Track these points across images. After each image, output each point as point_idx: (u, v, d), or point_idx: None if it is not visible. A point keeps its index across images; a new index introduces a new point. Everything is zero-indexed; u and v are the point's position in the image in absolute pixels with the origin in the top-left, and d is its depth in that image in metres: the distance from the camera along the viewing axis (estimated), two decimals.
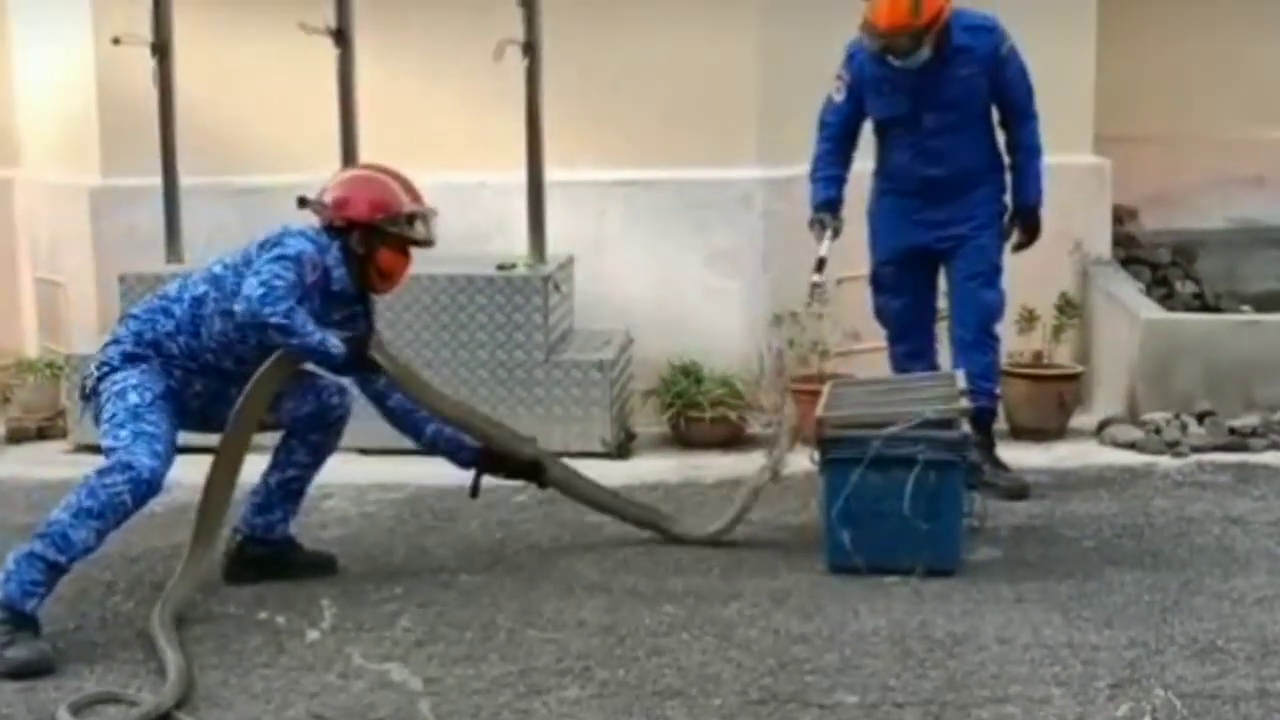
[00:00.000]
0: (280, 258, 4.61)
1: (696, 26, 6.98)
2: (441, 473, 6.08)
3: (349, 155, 6.64)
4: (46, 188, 7.70)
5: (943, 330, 6.02)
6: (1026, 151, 5.81)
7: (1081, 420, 6.78)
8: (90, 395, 4.70)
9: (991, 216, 5.80)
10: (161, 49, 6.55)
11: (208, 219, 6.92)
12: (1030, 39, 7.07)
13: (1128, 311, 6.70)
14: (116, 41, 6.61)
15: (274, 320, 4.54)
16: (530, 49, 6.47)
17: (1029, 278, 6.87)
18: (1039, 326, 6.68)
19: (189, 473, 5.82)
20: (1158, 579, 4.81)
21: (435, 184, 7.02)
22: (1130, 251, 8.27)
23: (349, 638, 4.44)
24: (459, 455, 5.14)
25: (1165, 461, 6.14)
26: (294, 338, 4.59)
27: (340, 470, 6.01)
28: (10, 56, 7.89)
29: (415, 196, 4.90)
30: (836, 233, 5.75)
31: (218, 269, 4.76)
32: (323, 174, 6.66)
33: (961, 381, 5.17)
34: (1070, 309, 6.75)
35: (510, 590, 4.82)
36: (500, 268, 6.49)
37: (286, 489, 4.95)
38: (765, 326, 6.90)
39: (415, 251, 4.99)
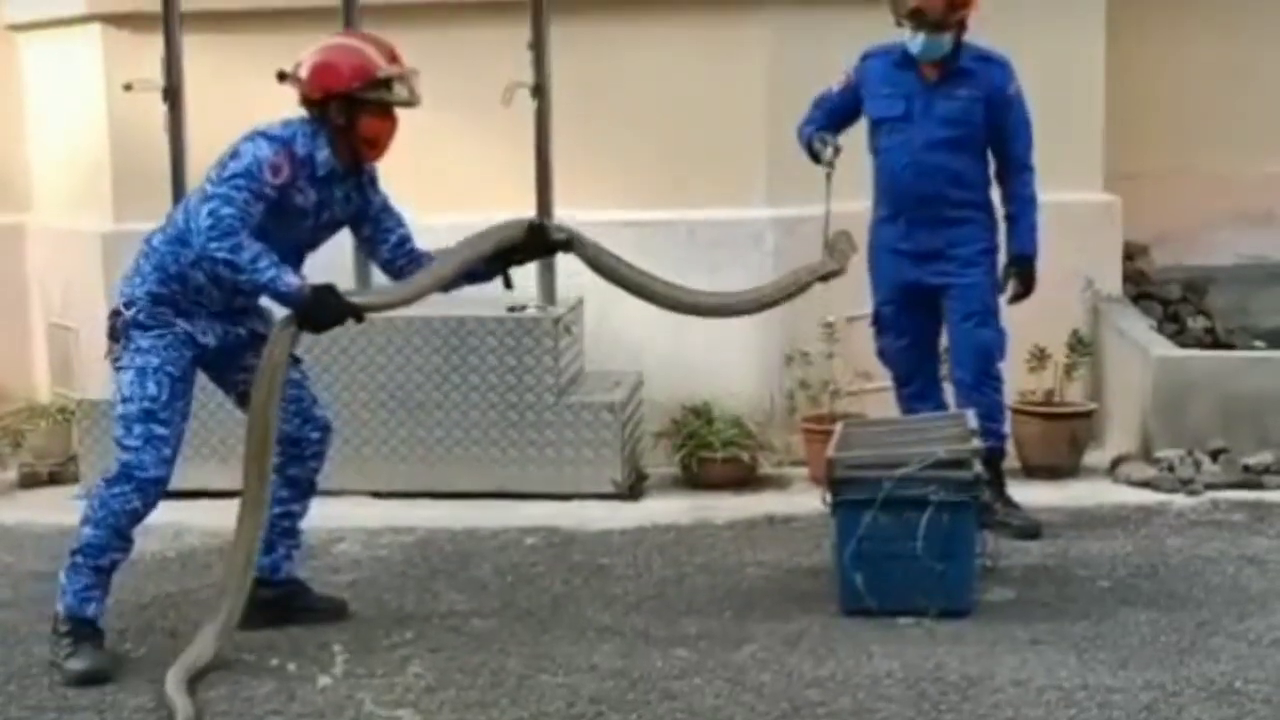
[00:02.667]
0: (233, 176, 4.47)
1: (705, 67, 7.01)
2: (452, 515, 6.14)
3: None
4: (59, 233, 7.73)
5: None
6: (1023, 202, 5.79)
7: (1095, 458, 6.75)
8: (117, 338, 4.62)
9: (980, 253, 5.77)
10: (173, 94, 6.56)
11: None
12: (1038, 76, 7.09)
13: (1139, 349, 6.68)
14: (128, 87, 6.63)
15: (220, 255, 4.40)
16: (539, 91, 6.50)
17: (1040, 316, 6.84)
18: (1050, 364, 6.65)
19: (200, 518, 5.90)
20: (1173, 620, 4.78)
21: (446, 225, 7.09)
22: (1141, 287, 8.25)
23: (360, 684, 4.42)
24: (478, 275, 4.97)
25: (1179, 499, 6.11)
26: (241, 274, 4.43)
27: (351, 513, 6.08)
28: (23, 102, 7.95)
29: (392, 58, 4.69)
30: (837, 150, 5.57)
31: (208, 187, 4.55)
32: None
33: (973, 421, 5.15)
34: (1081, 347, 6.73)
35: (521, 635, 4.80)
36: (510, 309, 6.48)
37: (278, 526, 4.90)
38: (777, 367, 6.90)
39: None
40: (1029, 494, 6.07)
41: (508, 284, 4.99)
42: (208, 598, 5.10)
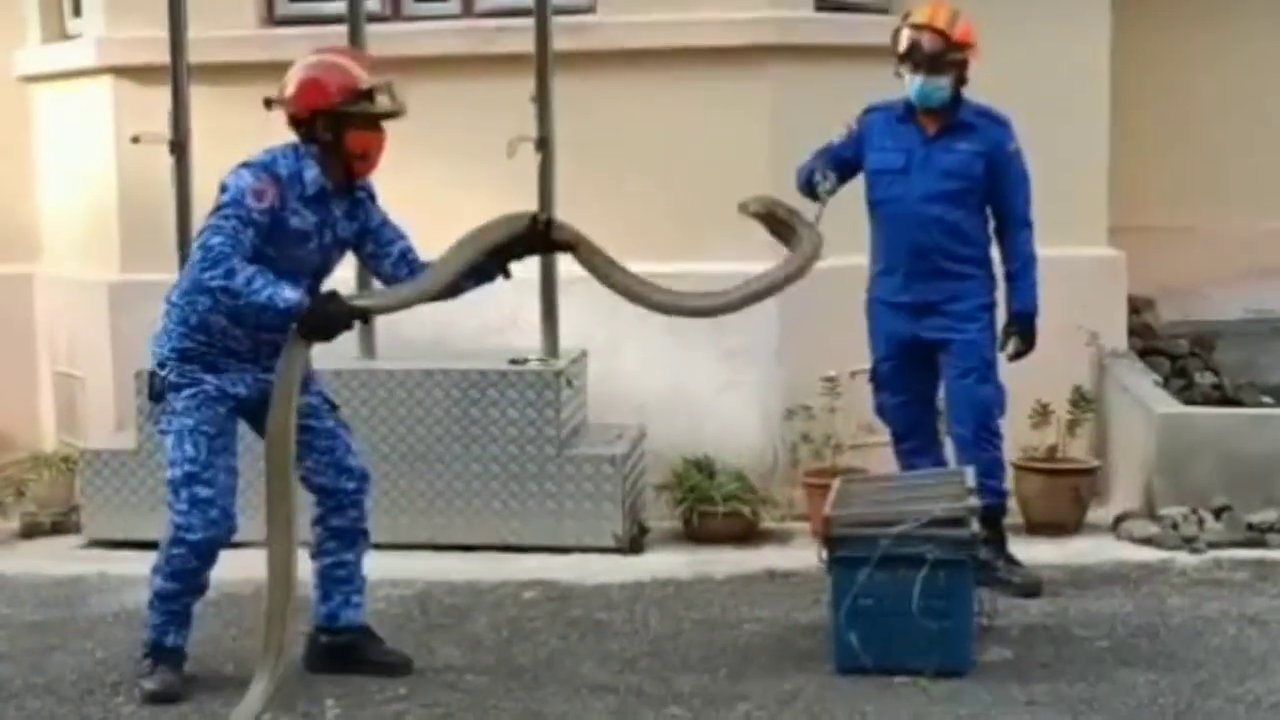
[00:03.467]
0: (220, 208, 4.54)
1: (709, 120, 7.04)
2: (453, 568, 6.13)
3: None
4: (67, 283, 7.78)
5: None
6: (1023, 259, 5.77)
7: (1100, 514, 6.72)
8: (157, 398, 4.73)
9: (978, 309, 5.74)
10: (179, 147, 6.60)
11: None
12: (1042, 132, 7.12)
13: (1142, 405, 6.65)
14: (135, 140, 6.68)
15: (215, 284, 4.46)
16: (544, 144, 6.52)
17: (1043, 371, 6.82)
18: (1053, 420, 6.63)
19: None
20: (1172, 681, 4.74)
21: None
22: (1148, 342, 8.24)
23: None
24: (484, 273, 4.94)
25: (1182, 557, 6.07)
26: (239, 299, 4.47)
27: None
28: (34, 152, 8.01)
29: (371, 67, 4.74)
30: (834, 186, 5.61)
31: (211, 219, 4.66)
32: (339, 269, 6.78)
33: (970, 479, 5.13)
34: (1084, 403, 6.71)
35: (515, 691, 4.78)
36: (513, 362, 6.50)
37: (332, 575, 4.95)
38: (780, 421, 6.89)
39: (426, 327, 4.96)
40: (1031, 551, 6.05)
41: (506, 274, 4.97)
42: (213, 651, 5.13)
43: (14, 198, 7.95)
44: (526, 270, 6.62)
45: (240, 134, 7.05)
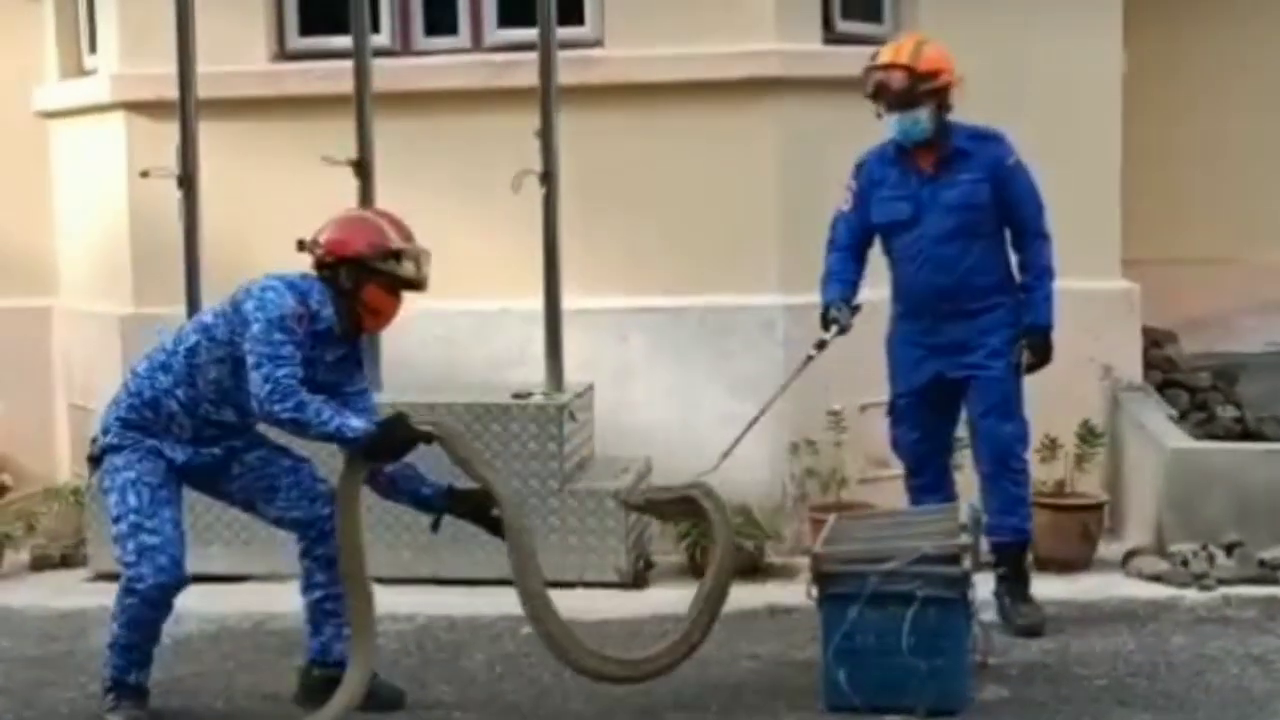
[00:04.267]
0: (268, 329, 4.62)
1: (716, 154, 7.01)
2: (454, 602, 6.11)
3: None
4: (81, 316, 7.84)
5: (964, 458, 5.95)
6: (1038, 271, 5.66)
7: (1112, 550, 6.62)
8: (94, 463, 4.88)
9: (1007, 343, 5.65)
10: (187, 181, 6.63)
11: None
12: (1054, 163, 7.05)
13: (1154, 440, 6.57)
14: (145, 174, 6.73)
15: (285, 416, 4.62)
16: (548, 178, 6.52)
17: (1053, 405, 6.76)
18: (1062, 455, 6.55)
19: (199, 603, 5.87)
20: None
21: (457, 311, 7.19)
22: (1169, 375, 8.15)
23: None
24: (432, 503, 5.07)
25: (1191, 595, 5.98)
26: (310, 429, 4.65)
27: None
28: (52, 186, 8.08)
29: (406, 236, 4.90)
30: (843, 330, 5.64)
31: (207, 318, 4.84)
32: None
33: (964, 515, 5.07)
34: (1092, 437, 6.62)
35: None
36: (516, 396, 6.48)
37: (321, 609, 4.97)
38: (787, 454, 6.85)
39: (434, 361, 4.99)
40: (1039, 587, 5.95)
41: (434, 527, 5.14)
42: (208, 685, 5.14)
43: (33, 231, 8.02)
44: (536, 302, 6.67)
45: (250, 168, 7.21)
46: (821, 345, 5.66)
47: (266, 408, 4.62)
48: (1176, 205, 8.51)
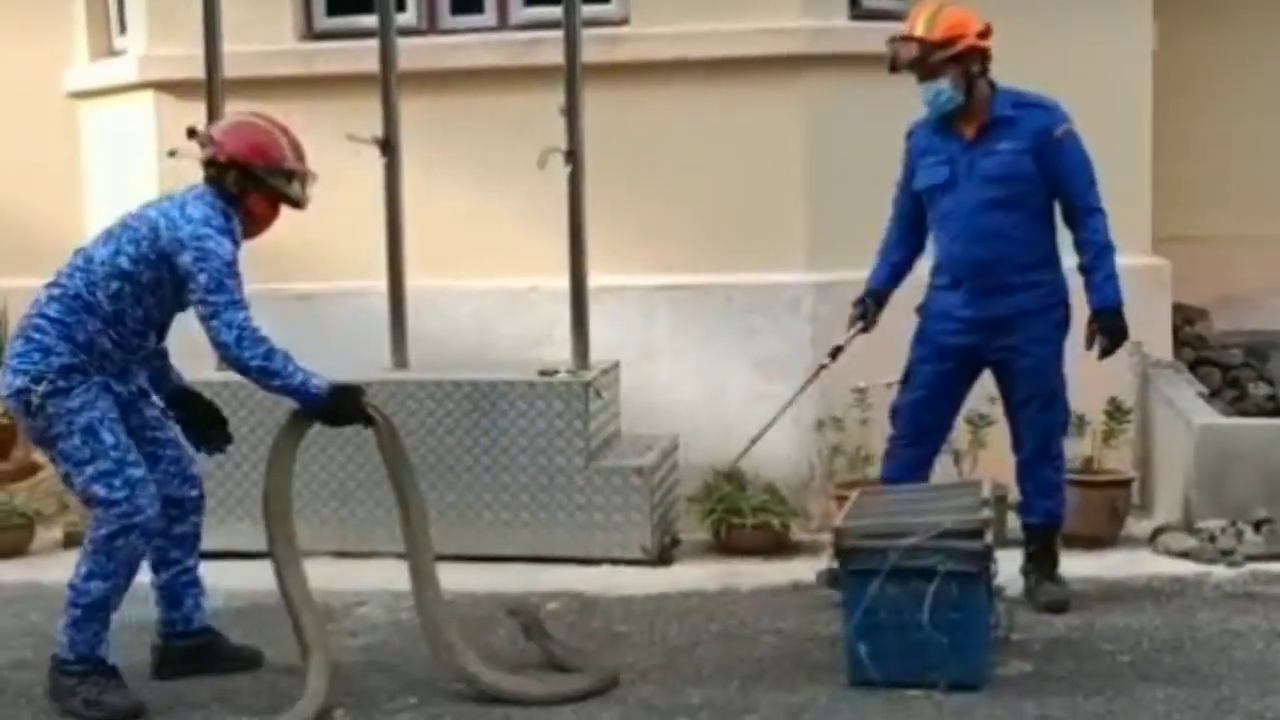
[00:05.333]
0: (217, 277, 4.62)
1: (743, 129, 7.01)
2: (479, 579, 6.12)
3: (396, 262, 6.73)
4: None
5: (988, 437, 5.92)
6: (1095, 249, 5.43)
7: (1142, 527, 6.60)
8: (35, 414, 4.67)
9: (1052, 328, 5.48)
10: None
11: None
12: (1085, 138, 7.01)
13: (1182, 416, 6.53)
14: (172, 154, 6.74)
15: (255, 364, 4.66)
16: (573, 156, 6.52)
17: (1082, 381, 6.69)
18: (1089, 432, 6.52)
19: (228, 578, 5.92)
20: (1191, 696, 4.64)
21: (485, 289, 7.22)
22: (1200, 353, 8.11)
23: None
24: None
25: (1218, 571, 5.95)
26: (275, 379, 4.70)
27: (377, 577, 6.08)
28: (83, 168, 8.13)
29: (300, 156, 4.94)
30: (867, 328, 5.65)
31: (125, 264, 4.71)
32: (372, 281, 6.83)
33: (986, 490, 5.05)
34: (1119, 414, 6.58)
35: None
36: (542, 373, 6.50)
37: (179, 581, 5.04)
38: (813, 432, 6.84)
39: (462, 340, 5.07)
40: (1066, 564, 5.92)
41: None
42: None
43: (64, 212, 8.05)
44: (563, 281, 6.68)
45: None
46: (836, 353, 5.67)
47: (234, 353, 4.64)
48: (1209, 182, 8.45)
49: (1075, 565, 6.00)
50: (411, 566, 5.02)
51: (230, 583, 6.01)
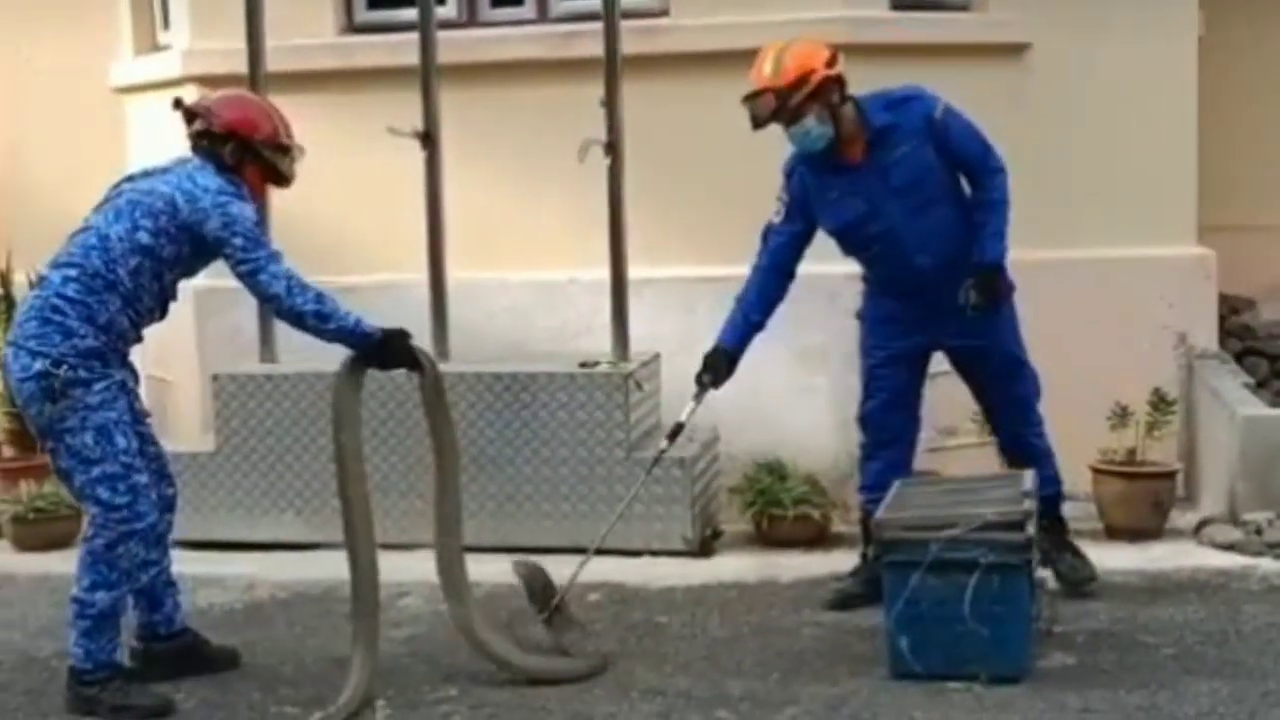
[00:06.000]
0: (253, 234, 4.70)
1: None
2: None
3: (436, 254, 6.75)
4: None
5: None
6: (988, 206, 5.27)
7: (1187, 519, 6.55)
8: (56, 399, 4.58)
9: (1005, 313, 5.41)
10: None
11: None
12: (1130, 128, 6.99)
13: (1227, 407, 6.47)
14: None
15: (309, 309, 4.70)
16: (612, 148, 6.52)
17: (1126, 372, 6.73)
18: (1133, 423, 6.47)
19: (274, 570, 6.02)
20: (1236, 689, 4.61)
21: (525, 282, 7.23)
22: (1247, 343, 8.05)
23: None
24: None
25: (1265, 564, 5.90)
26: (330, 322, 4.72)
27: (420, 568, 6.02)
28: (128, 160, 8.16)
29: (289, 133, 5.05)
30: (714, 386, 5.51)
31: (145, 238, 4.70)
32: (413, 274, 6.85)
33: (1028, 482, 5.02)
34: (1164, 405, 6.52)
35: (565, 693, 4.80)
36: (583, 365, 6.50)
37: (158, 582, 5.02)
38: (853, 424, 6.80)
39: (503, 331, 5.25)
40: (1109, 556, 5.94)
41: None
42: (263, 650, 5.21)
43: None
44: (603, 272, 6.68)
45: (318, 140, 7.20)
46: (676, 433, 5.52)
47: (288, 303, 4.67)
48: (1256, 170, 8.37)
49: (1119, 557, 6.00)
50: (437, 514, 5.04)
51: (275, 575, 6.08)
